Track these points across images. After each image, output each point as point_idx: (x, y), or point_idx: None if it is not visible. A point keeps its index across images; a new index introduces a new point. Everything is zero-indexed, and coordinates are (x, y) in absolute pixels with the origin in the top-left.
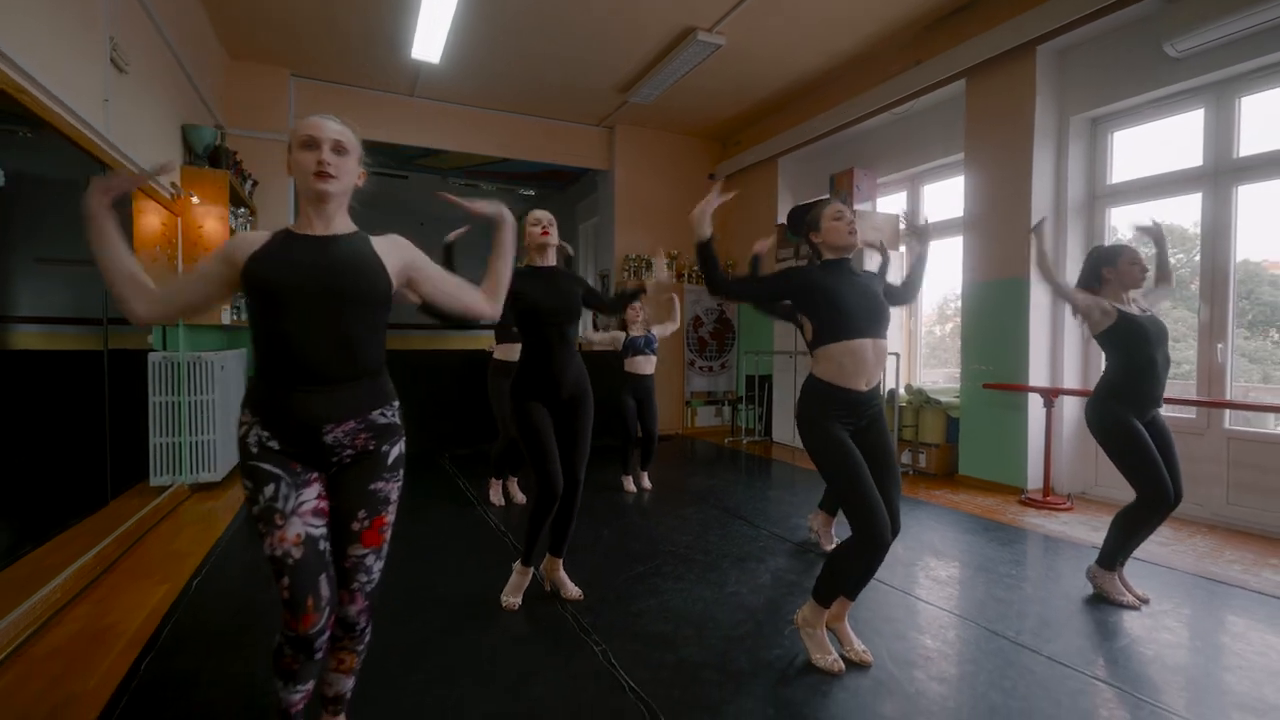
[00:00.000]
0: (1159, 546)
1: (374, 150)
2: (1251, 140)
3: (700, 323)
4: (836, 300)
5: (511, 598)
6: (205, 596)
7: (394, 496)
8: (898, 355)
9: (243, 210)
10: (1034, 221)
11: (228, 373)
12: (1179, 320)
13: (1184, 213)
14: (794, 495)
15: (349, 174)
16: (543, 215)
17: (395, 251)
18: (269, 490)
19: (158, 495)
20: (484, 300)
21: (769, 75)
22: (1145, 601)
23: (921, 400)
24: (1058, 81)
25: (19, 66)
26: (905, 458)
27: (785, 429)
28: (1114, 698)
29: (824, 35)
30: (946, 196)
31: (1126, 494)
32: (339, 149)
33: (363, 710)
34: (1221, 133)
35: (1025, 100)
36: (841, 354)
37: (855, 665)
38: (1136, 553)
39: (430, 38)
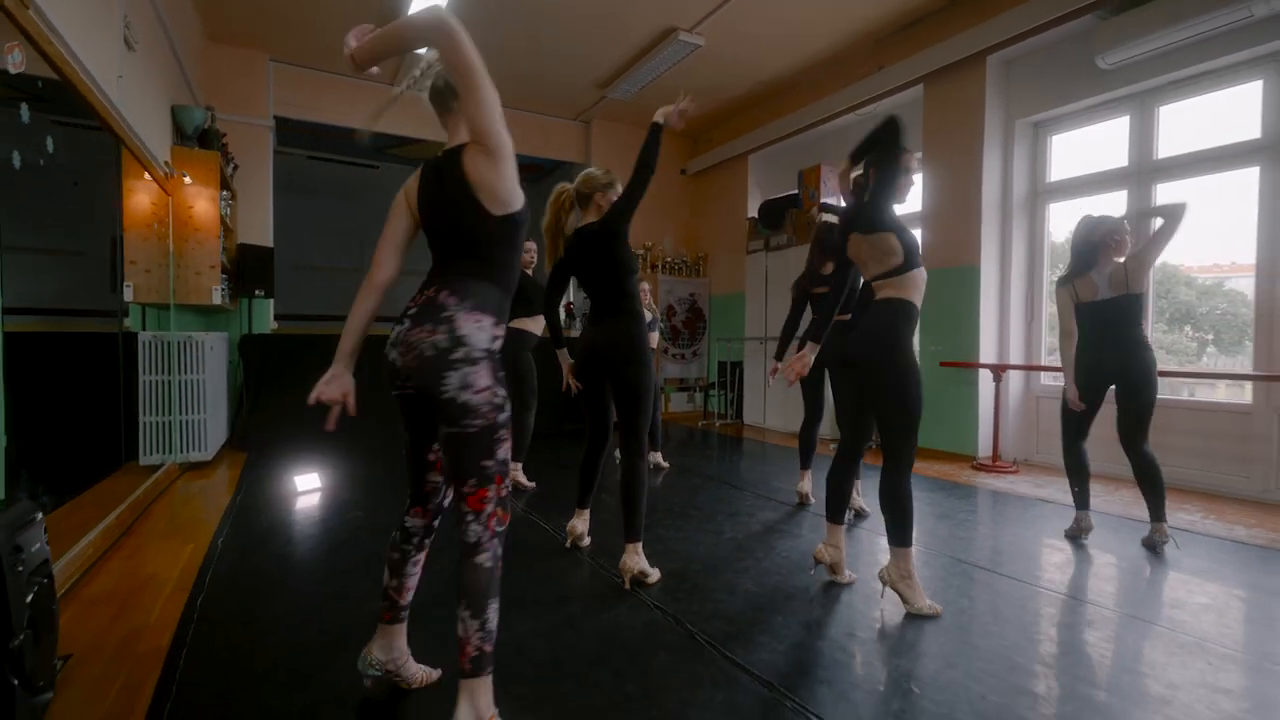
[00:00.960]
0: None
1: (349, 140)
2: (1169, 144)
3: (674, 311)
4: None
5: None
6: (233, 553)
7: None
8: None
9: (225, 193)
10: (984, 215)
11: (216, 353)
12: None
13: (1113, 209)
14: (769, 465)
15: None
16: None
17: None
18: None
19: (149, 475)
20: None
21: (743, 75)
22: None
23: None
24: (1005, 89)
25: (70, 48)
26: None
27: (755, 412)
28: (1057, 600)
29: (796, 39)
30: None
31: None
32: None
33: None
34: (1144, 137)
35: (976, 105)
36: (920, 279)
37: (846, 584)
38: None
39: None
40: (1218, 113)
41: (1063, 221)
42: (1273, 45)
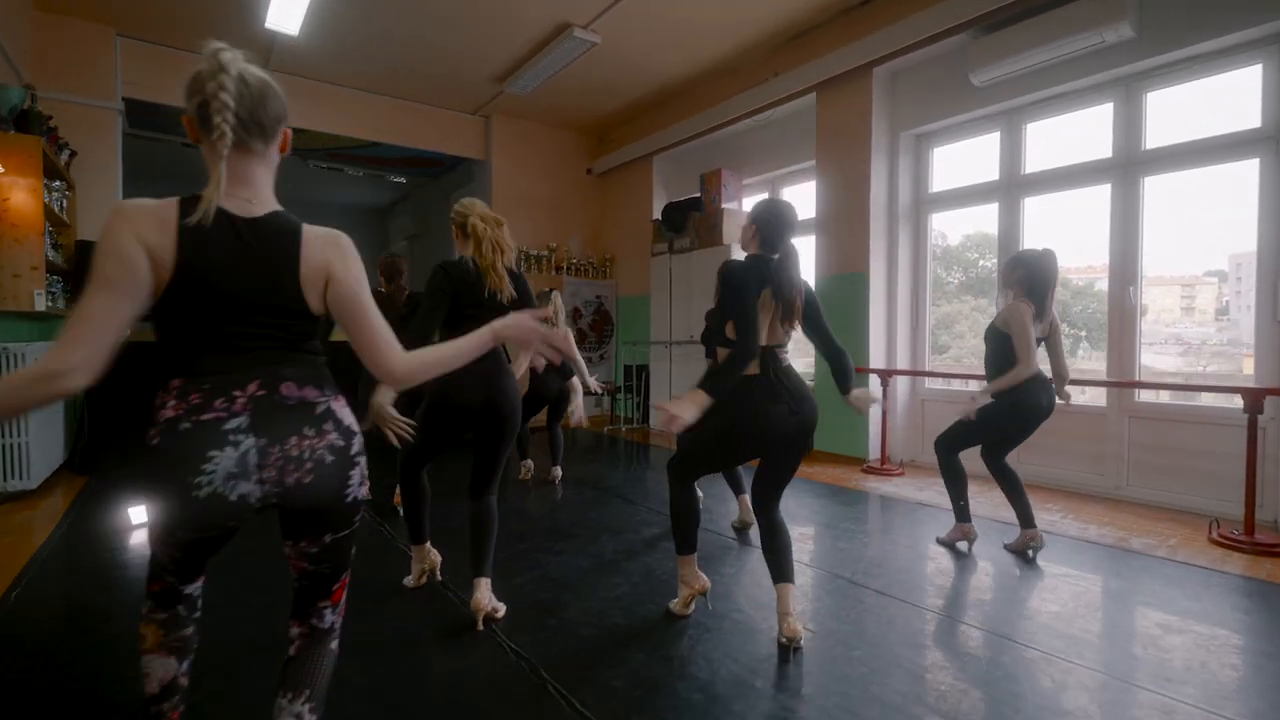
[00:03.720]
0: None
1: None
2: (1034, 159)
3: (579, 314)
4: None
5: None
6: (34, 600)
7: None
8: None
9: (58, 183)
10: (872, 223)
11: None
12: (982, 312)
13: (986, 221)
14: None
15: None
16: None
17: None
18: None
19: None
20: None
21: (642, 76)
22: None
23: None
24: (890, 101)
25: None
26: None
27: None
28: (929, 618)
29: (691, 42)
30: (804, 198)
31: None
32: None
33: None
34: (1012, 152)
35: (864, 115)
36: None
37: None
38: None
39: (287, 6)
40: (1076, 131)
41: (946, 231)
42: (1120, 70)
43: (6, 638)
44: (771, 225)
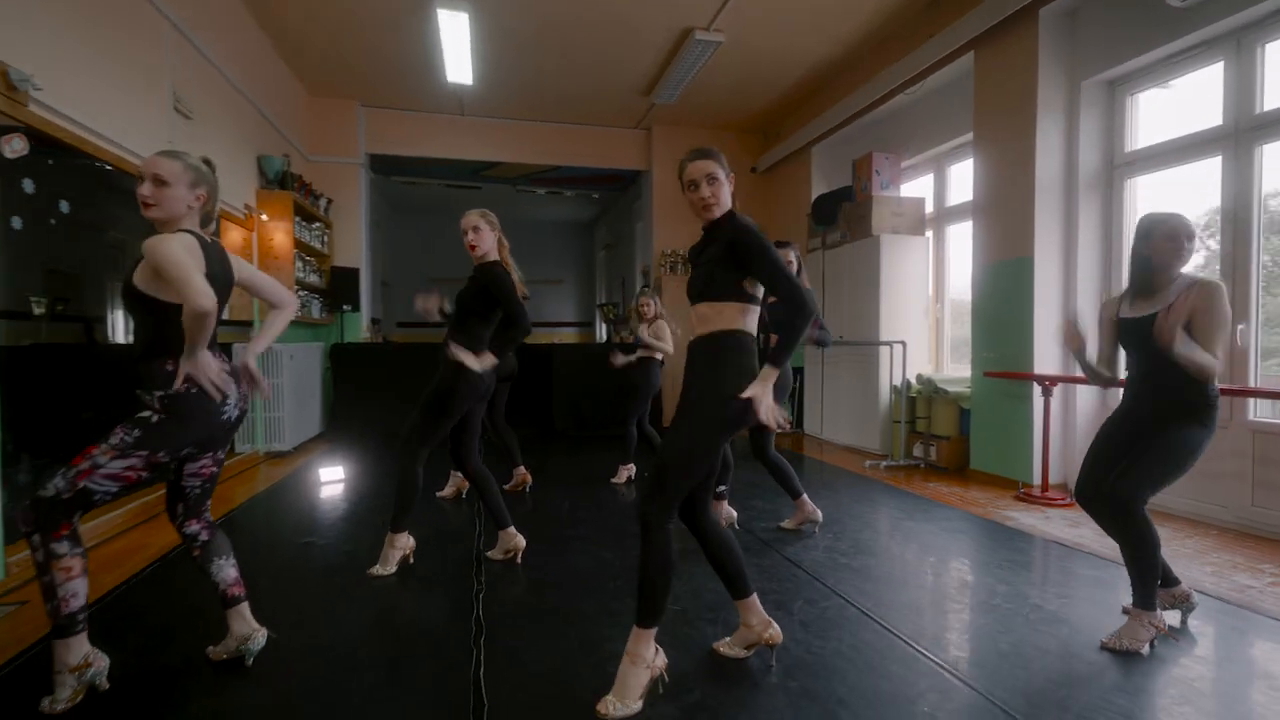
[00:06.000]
0: None
1: (441, 166)
2: (1273, 93)
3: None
4: None
5: None
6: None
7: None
8: (904, 344)
9: (316, 225)
10: (1038, 197)
11: (297, 361)
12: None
13: (1207, 180)
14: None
15: (168, 200)
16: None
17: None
18: None
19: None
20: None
21: (782, 65)
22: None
23: (931, 390)
24: (1066, 46)
25: (78, 121)
26: (917, 450)
27: (814, 420)
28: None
29: (823, 20)
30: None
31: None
32: (158, 180)
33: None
34: (1241, 86)
35: (1028, 68)
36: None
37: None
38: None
39: (458, 62)
40: None
41: (1149, 201)
42: None
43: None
44: None
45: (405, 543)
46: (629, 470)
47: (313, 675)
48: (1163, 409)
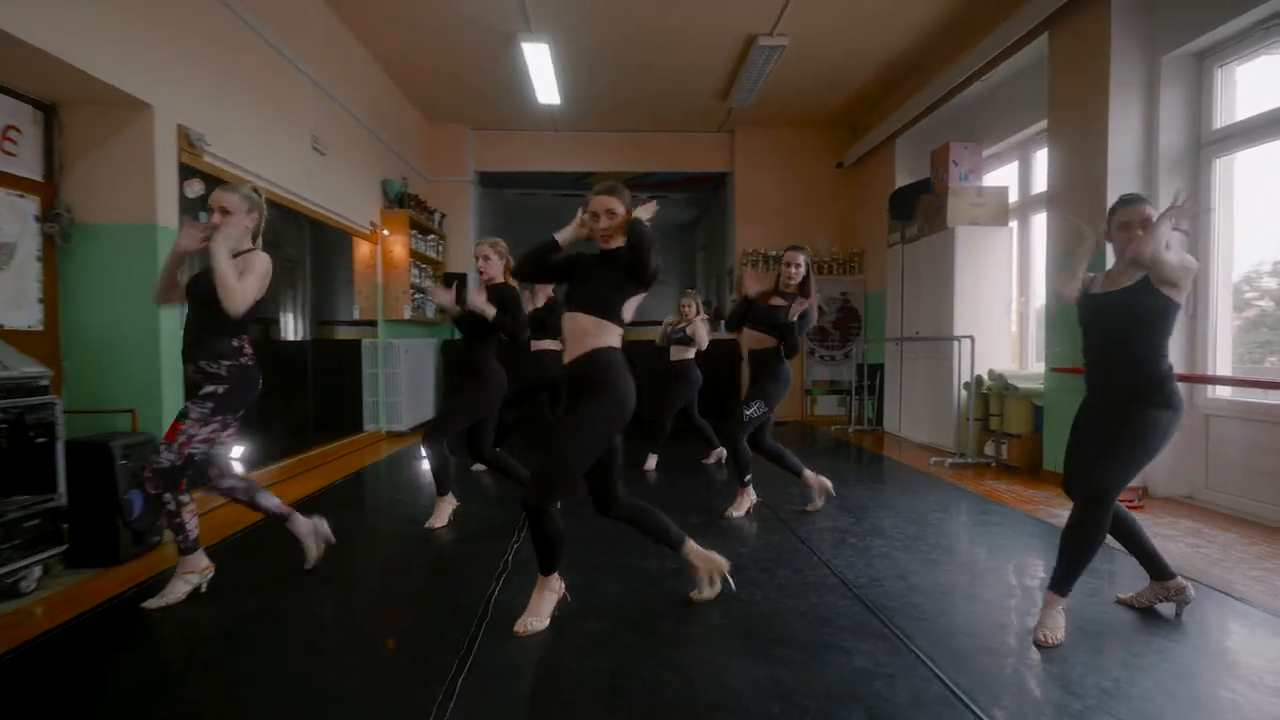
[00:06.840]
0: None
1: (542, 178)
2: None
3: (822, 312)
4: None
5: None
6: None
7: (190, 413)
8: (972, 339)
9: (431, 237)
10: (1110, 182)
11: (411, 354)
12: None
13: None
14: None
15: (231, 225)
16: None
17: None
18: None
19: (364, 439)
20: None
21: (854, 61)
22: None
23: (1002, 386)
24: (1142, 20)
25: (240, 165)
26: (988, 449)
27: (894, 418)
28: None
29: (882, 15)
30: None
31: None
32: (224, 211)
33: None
34: None
35: (1100, 46)
36: None
37: None
38: None
39: (545, 84)
40: None
41: (1249, 180)
42: None
43: (366, 487)
44: None
45: (450, 503)
46: (653, 460)
47: (372, 584)
48: (1123, 395)
